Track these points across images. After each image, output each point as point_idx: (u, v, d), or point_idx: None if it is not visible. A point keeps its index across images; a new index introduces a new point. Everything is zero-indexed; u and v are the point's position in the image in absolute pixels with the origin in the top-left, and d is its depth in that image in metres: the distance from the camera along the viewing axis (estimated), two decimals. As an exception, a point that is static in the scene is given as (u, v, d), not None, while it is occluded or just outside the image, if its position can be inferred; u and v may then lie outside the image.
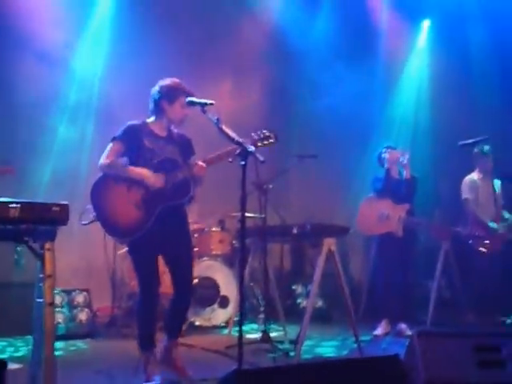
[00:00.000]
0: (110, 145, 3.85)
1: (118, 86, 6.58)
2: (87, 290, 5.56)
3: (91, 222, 5.41)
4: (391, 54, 7.98)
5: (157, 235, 3.75)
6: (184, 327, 4.64)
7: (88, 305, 5.49)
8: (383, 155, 5.98)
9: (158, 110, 3.90)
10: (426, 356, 3.02)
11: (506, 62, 7.03)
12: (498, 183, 6.34)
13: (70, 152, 6.53)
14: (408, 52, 8.30)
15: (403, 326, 5.61)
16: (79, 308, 5.42)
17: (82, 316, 5.40)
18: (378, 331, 5.67)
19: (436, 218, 7.21)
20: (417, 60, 8.30)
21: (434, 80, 8.01)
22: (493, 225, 6.18)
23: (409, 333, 5.37)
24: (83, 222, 5.59)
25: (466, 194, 6.43)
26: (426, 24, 8.30)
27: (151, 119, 3.95)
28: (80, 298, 5.46)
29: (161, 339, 3.99)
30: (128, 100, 6.42)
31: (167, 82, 3.92)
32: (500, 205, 6.29)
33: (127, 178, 3.77)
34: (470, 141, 5.61)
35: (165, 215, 3.78)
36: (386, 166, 5.92)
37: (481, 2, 7.21)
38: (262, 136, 3.91)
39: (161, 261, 3.96)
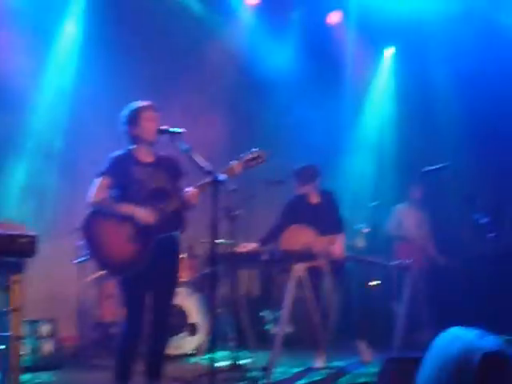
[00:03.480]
0: (98, 180, 3.76)
1: (87, 112, 6.54)
2: (52, 320, 5.42)
3: (84, 260, 5.37)
4: (358, 80, 8.13)
5: (149, 269, 3.66)
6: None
7: (54, 335, 5.34)
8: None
9: (131, 138, 3.86)
10: (398, 382, 3.03)
11: (468, 91, 7.23)
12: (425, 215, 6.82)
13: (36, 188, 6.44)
14: (373, 79, 8.46)
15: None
16: (45, 339, 5.26)
17: (48, 347, 5.24)
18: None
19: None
20: (381, 86, 8.47)
21: (399, 106, 8.18)
22: None
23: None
24: (76, 261, 5.53)
25: (389, 220, 6.97)
26: (389, 51, 8.48)
27: (133, 146, 3.89)
28: (46, 329, 5.29)
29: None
30: (97, 126, 6.39)
31: (125, 109, 3.90)
32: (425, 234, 6.76)
33: (118, 214, 3.69)
34: (433, 167, 5.77)
35: (159, 247, 3.69)
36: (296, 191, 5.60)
37: (443, 31, 7.40)
38: (252, 156, 3.91)
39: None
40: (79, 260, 5.54)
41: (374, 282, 7.08)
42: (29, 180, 6.40)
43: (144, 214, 3.66)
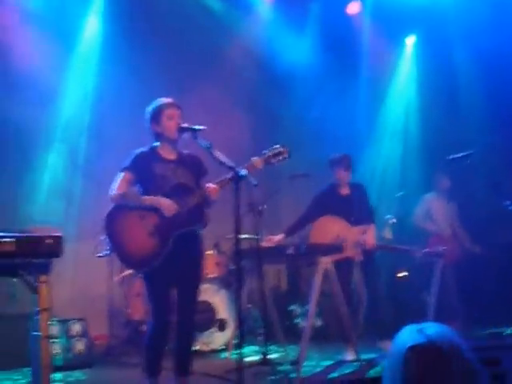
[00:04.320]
0: (121, 175, 3.81)
1: (109, 110, 6.60)
2: (83, 319, 5.48)
3: (106, 254, 5.43)
4: (378, 70, 8.05)
5: (172, 264, 3.69)
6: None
7: (85, 334, 5.40)
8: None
9: (155, 135, 3.90)
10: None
11: (491, 75, 7.10)
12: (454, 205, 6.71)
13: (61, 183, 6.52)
14: (395, 67, 8.36)
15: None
16: (76, 338, 5.32)
17: (80, 346, 5.30)
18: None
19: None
20: (404, 75, 8.38)
21: (422, 94, 8.07)
22: None
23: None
24: (98, 255, 5.59)
25: (416, 209, 6.86)
26: (411, 40, 8.38)
27: (157, 144, 3.94)
28: (77, 328, 5.35)
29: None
30: (120, 125, 6.44)
31: (149, 107, 3.93)
32: (456, 224, 6.66)
33: (141, 206, 3.72)
34: (459, 155, 5.68)
35: (180, 242, 3.72)
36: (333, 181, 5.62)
37: (463, 14, 7.29)
38: (274, 152, 3.91)
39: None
40: (101, 254, 5.58)
41: (402, 274, 7.02)
42: (55, 179, 6.50)
43: (167, 204, 3.69)
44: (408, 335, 1.37)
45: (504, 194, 6.04)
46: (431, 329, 1.36)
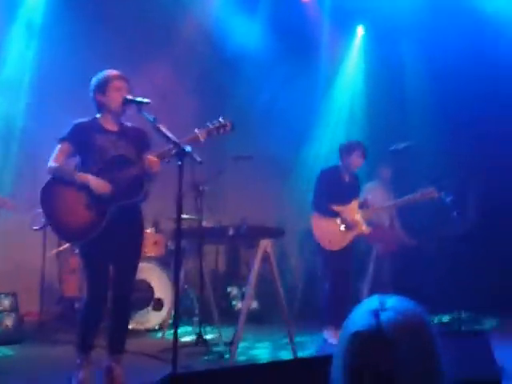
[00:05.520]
0: (58, 146, 3.71)
1: (50, 86, 6.36)
2: (14, 294, 5.32)
3: (43, 226, 5.23)
4: (328, 58, 8.08)
5: (110, 238, 3.61)
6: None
7: (14, 309, 5.25)
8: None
9: (98, 106, 3.79)
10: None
11: (437, 69, 7.24)
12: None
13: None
14: (343, 57, 8.42)
15: None
16: (5, 313, 5.18)
17: (8, 321, 5.16)
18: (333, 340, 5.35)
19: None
20: (352, 65, 8.44)
21: (368, 85, 8.16)
22: None
23: None
24: (34, 228, 5.39)
25: None
26: (360, 30, 8.44)
27: (98, 115, 3.83)
28: (6, 302, 5.21)
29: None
30: (61, 94, 6.23)
31: (96, 76, 3.82)
32: (394, 215, 6.75)
33: (75, 183, 3.64)
34: (400, 146, 5.77)
35: (119, 216, 3.64)
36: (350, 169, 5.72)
37: (413, 10, 7.39)
38: (217, 125, 3.84)
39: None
40: (37, 227, 5.40)
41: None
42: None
43: (98, 184, 3.60)
44: (360, 316, 1.19)
45: (441, 186, 6.19)
46: (389, 312, 1.18)
